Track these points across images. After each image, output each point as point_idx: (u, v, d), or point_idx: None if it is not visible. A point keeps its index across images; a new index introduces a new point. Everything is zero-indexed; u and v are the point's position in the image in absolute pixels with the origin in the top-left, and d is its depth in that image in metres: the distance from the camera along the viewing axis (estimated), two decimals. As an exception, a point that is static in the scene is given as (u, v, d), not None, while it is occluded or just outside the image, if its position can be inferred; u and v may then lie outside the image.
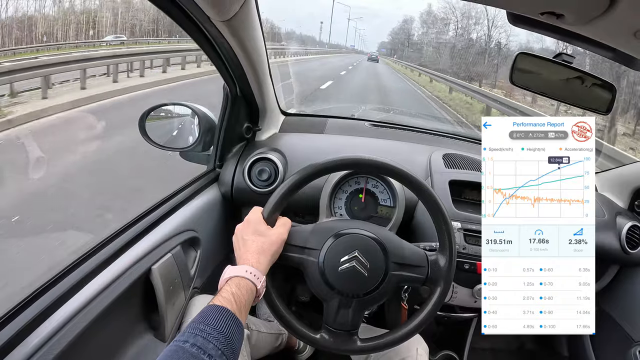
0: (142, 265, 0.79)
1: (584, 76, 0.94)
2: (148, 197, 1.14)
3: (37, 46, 9.44)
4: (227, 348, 0.55)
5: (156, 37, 12.86)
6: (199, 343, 0.53)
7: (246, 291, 0.64)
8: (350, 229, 0.77)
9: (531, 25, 0.75)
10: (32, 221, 2.47)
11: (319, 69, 14.23)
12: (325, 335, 0.77)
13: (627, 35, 0.63)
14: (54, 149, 3.69)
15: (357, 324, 0.77)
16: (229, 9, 0.72)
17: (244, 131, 1.13)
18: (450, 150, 1.20)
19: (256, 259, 0.68)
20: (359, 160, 0.79)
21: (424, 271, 0.76)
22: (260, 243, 0.70)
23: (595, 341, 1.28)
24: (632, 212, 1.22)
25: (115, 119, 4.74)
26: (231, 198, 1.09)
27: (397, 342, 0.77)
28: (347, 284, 0.74)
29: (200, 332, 0.54)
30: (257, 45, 0.91)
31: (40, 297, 0.65)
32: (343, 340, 0.76)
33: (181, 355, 0.51)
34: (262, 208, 0.76)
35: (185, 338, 0.53)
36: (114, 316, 0.73)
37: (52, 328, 0.62)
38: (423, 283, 0.77)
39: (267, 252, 0.70)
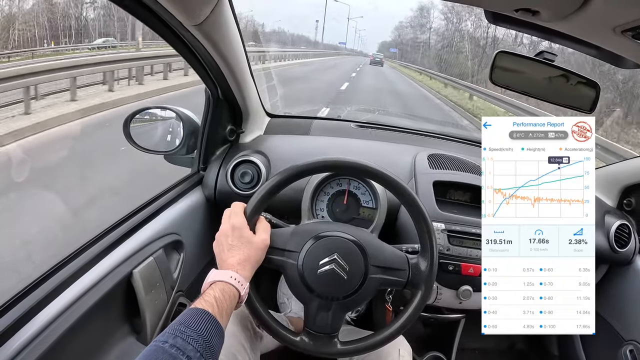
0: (123, 268, 0.79)
1: (568, 74, 0.93)
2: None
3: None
4: (206, 351, 0.55)
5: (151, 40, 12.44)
6: (179, 344, 0.53)
7: (229, 297, 0.64)
8: (330, 231, 0.77)
9: (510, 23, 0.75)
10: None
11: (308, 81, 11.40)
12: (305, 338, 0.76)
13: (605, 31, 0.62)
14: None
15: (337, 326, 0.76)
16: (199, 14, 0.71)
17: (227, 133, 1.13)
18: (436, 151, 1.19)
19: (242, 265, 0.68)
20: (338, 163, 0.79)
21: (404, 275, 0.76)
22: (247, 250, 0.70)
23: (586, 340, 1.27)
24: (620, 211, 1.22)
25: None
26: (215, 201, 1.09)
27: (378, 346, 0.76)
28: (326, 286, 0.74)
29: (181, 333, 0.54)
30: (233, 48, 0.90)
31: (20, 301, 0.65)
32: (323, 342, 0.76)
33: (160, 355, 0.51)
34: (244, 209, 0.75)
35: (165, 338, 0.53)
36: (95, 320, 0.72)
37: (32, 332, 0.62)
38: (404, 287, 0.76)
39: (252, 259, 0.70)
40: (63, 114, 4.86)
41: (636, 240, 1.16)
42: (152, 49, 9.63)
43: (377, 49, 36.16)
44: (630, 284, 1.16)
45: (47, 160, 3.57)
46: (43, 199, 2.77)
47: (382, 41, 36.47)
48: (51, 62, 5.63)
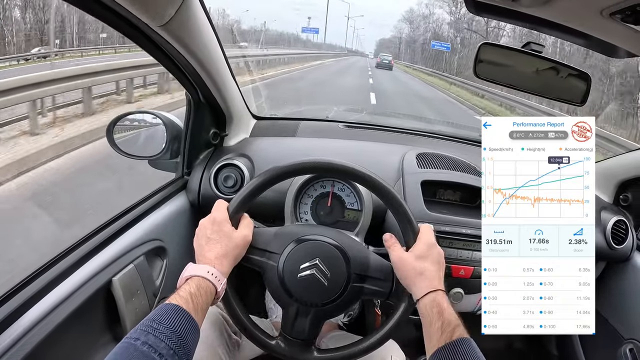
0: (102, 276, 0.78)
1: (558, 66, 0.91)
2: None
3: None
4: (180, 348, 0.53)
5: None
6: (150, 341, 0.51)
7: (205, 292, 0.62)
8: (314, 234, 0.75)
9: (493, 12, 0.73)
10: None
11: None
12: (281, 342, 0.74)
13: (592, 15, 0.59)
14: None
15: (315, 333, 0.74)
16: (162, 14, 0.69)
17: (211, 137, 1.11)
18: (425, 150, 1.17)
19: (219, 260, 0.66)
20: (317, 164, 0.76)
21: (387, 286, 0.73)
22: (225, 244, 0.68)
23: (585, 339, 1.25)
24: (616, 207, 1.19)
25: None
26: (199, 206, 1.07)
27: (356, 356, 0.73)
28: (305, 292, 0.71)
29: (153, 330, 0.52)
30: (207, 49, 0.88)
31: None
32: (299, 349, 0.73)
33: (132, 353, 0.50)
34: (227, 204, 0.73)
35: (136, 335, 0.52)
36: (74, 328, 0.71)
37: (9, 341, 0.61)
38: (387, 297, 0.74)
39: (230, 254, 0.68)
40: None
41: (634, 236, 1.13)
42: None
43: (375, 47, 34.75)
44: (629, 281, 1.13)
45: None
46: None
47: (380, 39, 35.14)
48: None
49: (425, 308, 0.65)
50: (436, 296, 0.65)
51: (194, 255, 0.70)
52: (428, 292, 0.66)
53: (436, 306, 0.64)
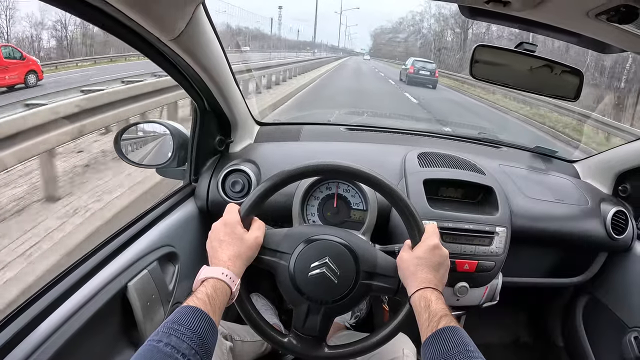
0: (117, 282, 0.80)
1: (552, 64, 0.94)
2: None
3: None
4: (201, 348, 0.55)
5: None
6: (173, 342, 0.53)
7: (221, 293, 0.64)
8: (323, 234, 0.77)
9: (487, 16, 0.76)
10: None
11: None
12: (292, 339, 0.76)
13: (580, 16, 0.62)
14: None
15: (326, 330, 0.76)
16: (173, 28, 0.71)
17: (217, 144, 1.13)
18: (426, 149, 1.19)
19: (233, 261, 0.68)
20: (326, 166, 0.78)
21: (394, 282, 0.75)
22: (238, 246, 0.70)
23: (590, 329, 1.26)
24: (616, 198, 1.21)
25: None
26: (207, 211, 1.09)
27: (366, 351, 0.76)
28: (316, 290, 0.73)
29: (174, 331, 0.54)
30: (214, 60, 0.91)
31: (15, 319, 0.65)
32: (310, 345, 0.76)
33: (155, 354, 0.51)
34: (239, 207, 0.75)
35: (159, 337, 0.54)
36: (91, 334, 0.73)
37: (29, 348, 0.63)
38: (394, 294, 0.76)
39: (243, 255, 0.70)
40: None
41: (633, 226, 1.15)
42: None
43: (372, 42, 31.80)
44: (631, 270, 1.15)
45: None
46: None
47: (375, 28, 32.09)
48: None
49: (414, 303, 0.68)
50: (425, 292, 0.68)
51: (205, 259, 0.72)
52: (418, 289, 0.69)
53: (424, 300, 0.67)
